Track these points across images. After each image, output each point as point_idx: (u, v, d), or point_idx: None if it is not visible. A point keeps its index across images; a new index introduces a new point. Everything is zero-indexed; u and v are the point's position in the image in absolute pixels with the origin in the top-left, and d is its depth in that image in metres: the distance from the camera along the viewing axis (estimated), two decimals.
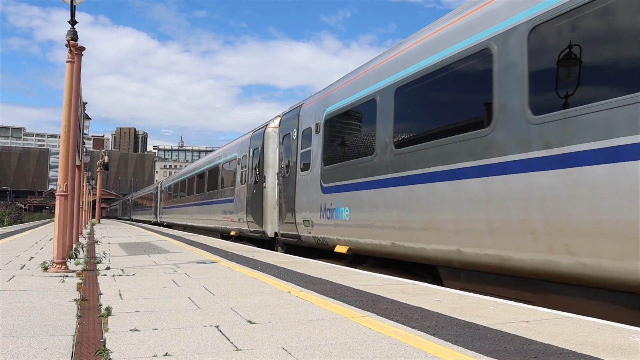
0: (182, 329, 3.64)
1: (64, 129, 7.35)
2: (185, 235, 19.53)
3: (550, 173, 4.98)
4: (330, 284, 6.01)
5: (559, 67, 5.03)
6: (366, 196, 8.37)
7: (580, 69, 4.83)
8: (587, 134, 4.62)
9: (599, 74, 4.72)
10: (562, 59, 4.98)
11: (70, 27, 7.47)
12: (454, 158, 6.29)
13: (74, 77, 7.52)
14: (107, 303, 4.52)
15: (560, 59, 5.00)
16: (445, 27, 6.83)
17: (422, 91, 7.25)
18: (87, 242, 13.68)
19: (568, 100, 4.90)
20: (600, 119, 4.53)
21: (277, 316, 4.13)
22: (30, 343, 3.16)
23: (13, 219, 38.72)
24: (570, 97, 4.88)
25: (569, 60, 4.93)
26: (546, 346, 3.19)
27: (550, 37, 5.10)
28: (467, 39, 6.28)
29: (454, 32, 6.56)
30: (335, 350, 3.10)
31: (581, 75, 4.83)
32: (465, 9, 6.57)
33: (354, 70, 9.86)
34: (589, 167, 4.61)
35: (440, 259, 6.68)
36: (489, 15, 5.92)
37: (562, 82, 5.00)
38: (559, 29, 4.99)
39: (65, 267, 6.95)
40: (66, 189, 7.23)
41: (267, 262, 8.67)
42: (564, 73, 5.00)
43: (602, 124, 4.50)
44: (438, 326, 3.76)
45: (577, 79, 4.87)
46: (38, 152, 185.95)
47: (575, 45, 4.85)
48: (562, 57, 4.97)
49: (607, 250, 4.49)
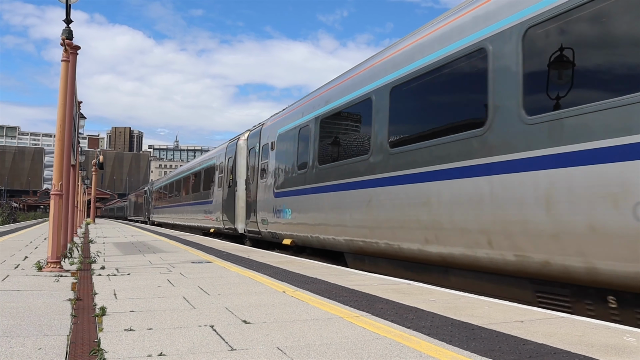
0: (177, 328, 3.64)
1: (59, 128, 7.32)
2: (180, 235, 19.49)
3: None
4: (325, 283, 6.01)
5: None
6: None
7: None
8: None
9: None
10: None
11: (65, 26, 7.45)
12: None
13: (69, 76, 7.50)
14: (102, 303, 4.51)
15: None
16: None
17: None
18: (81, 241, 13.63)
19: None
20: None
21: (272, 316, 4.12)
22: (24, 343, 3.15)
23: (7, 218, 38.55)
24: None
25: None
26: (541, 346, 3.20)
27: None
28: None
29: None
30: (330, 350, 3.10)
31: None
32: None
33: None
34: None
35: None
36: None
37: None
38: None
39: (59, 267, 6.93)
40: (61, 188, 7.21)
41: (262, 261, 8.66)
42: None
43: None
44: (433, 326, 3.77)
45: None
46: (33, 152, 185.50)
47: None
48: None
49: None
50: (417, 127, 7.18)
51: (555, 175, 4.84)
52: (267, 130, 13.83)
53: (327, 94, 10.23)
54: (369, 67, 8.69)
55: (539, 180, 5.00)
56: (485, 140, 5.70)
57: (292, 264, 8.39)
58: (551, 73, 5.10)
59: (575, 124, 4.69)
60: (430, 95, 6.95)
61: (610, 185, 4.36)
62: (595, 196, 4.48)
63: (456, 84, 6.43)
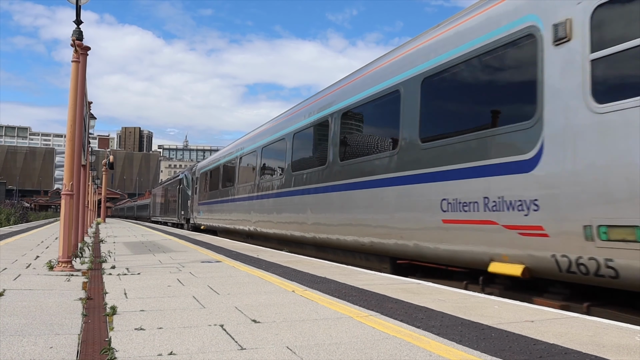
0: (187, 328, 3.65)
1: (69, 129, 7.38)
2: (190, 234, 19.56)
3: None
4: (335, 283, 6.01)
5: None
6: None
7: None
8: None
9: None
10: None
11: (75, 27, 7.50)
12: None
13: (79, 76, 7.55)
14: (113, 302, 4.53)
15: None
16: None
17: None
18: (92, 241, 13.72)
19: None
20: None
21: (282, 315, 4.13)
22: (36, 342, 3.17)
23: (19, 218, 38.87)
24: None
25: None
26: (551, 346, 3.18)
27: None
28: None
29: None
30: (339, 349, 3.10)
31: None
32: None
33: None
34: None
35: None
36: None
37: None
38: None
39: (70, 266, 6.98)
40: (72, 188, 7.26)
41: (271, 261, 8.68)
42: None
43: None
44: (442, 326, 3.76)
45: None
46: (44, 152, 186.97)
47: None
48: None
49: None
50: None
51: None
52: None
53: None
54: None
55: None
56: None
57: (301, 263, 8.40)
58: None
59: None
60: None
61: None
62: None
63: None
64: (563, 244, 4.90)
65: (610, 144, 4.52)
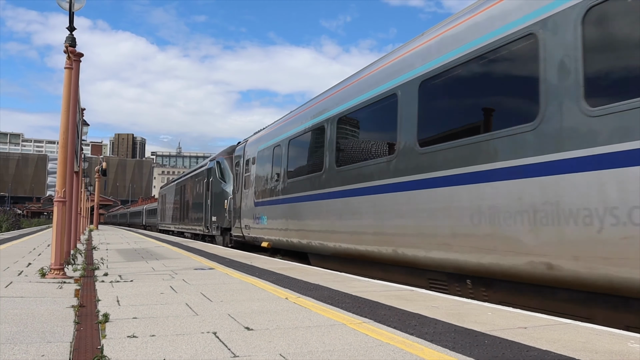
0: (180, 335, 3.64)
1: (62, 136, 7.35)
2: (183, 241, 19.49)
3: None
4: (328, 290, 6.00)
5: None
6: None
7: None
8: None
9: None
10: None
11: (68, 34, 7.49)
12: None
13: (72, 83, 7.54)
14: (105, 309, 4.51)
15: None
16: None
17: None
18: (85, 248, 13.65)
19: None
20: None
21: (275, 323, 4.12)
22: (28, 350, 3.15)
23: (11, 225, 38.63)
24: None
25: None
26: (544, 352, 3.19)
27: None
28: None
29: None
30: (333, 356, 3.10)
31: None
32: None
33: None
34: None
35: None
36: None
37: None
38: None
39: (63, 274, 6.94)
40: (64, 195, 7.23)
41: (264, 268, 8.66)
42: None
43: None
44: (436, 332, 3.76)
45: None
46: (36, 158, 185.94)
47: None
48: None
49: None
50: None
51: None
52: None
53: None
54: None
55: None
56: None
57: (295, 270, 8.39)
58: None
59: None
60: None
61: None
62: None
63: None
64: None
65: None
